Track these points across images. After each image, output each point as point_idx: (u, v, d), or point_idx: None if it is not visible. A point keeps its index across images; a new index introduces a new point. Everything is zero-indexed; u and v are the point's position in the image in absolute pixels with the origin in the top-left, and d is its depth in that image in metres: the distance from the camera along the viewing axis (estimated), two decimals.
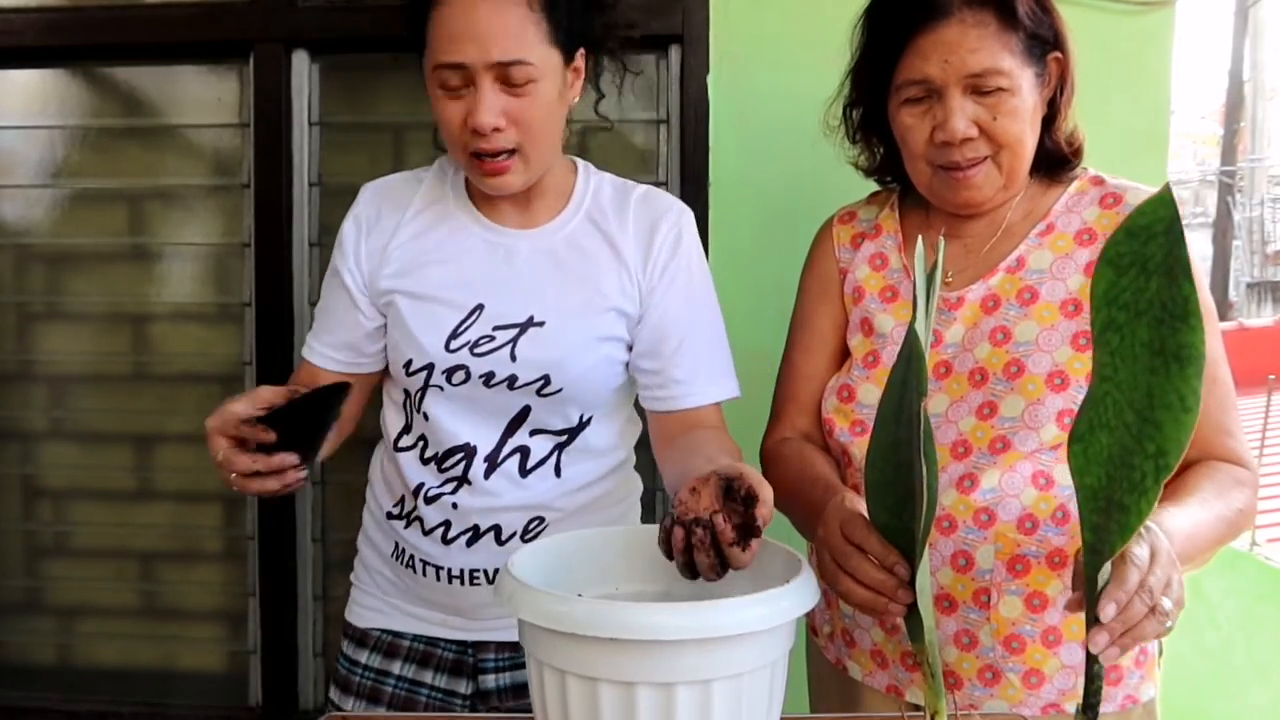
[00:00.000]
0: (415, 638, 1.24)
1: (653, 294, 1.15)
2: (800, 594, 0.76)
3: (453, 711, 1.22)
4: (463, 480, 1.16)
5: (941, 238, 0.86)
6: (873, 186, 1.26)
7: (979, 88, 1.03)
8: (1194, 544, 0.91)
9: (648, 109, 1.72)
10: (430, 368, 1.13)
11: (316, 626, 1.80)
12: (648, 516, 1.74)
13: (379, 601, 1.26)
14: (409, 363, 1.15)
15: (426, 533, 1.18)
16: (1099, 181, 1.11)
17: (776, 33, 1.61)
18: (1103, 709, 1.04)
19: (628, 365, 1.19)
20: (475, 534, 1.16)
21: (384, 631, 1.25)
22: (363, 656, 1.25)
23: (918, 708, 1.10)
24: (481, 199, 1.17)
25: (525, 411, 1.15)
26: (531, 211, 1.16)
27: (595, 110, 1.24)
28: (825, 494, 1.02)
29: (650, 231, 1.15)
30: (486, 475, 1.15)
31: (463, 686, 1.23)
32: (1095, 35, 1.54)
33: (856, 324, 1.17)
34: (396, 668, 1.24)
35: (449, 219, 1.17)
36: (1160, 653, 1.12)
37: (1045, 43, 1.05)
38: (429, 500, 1.17)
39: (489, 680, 1.23)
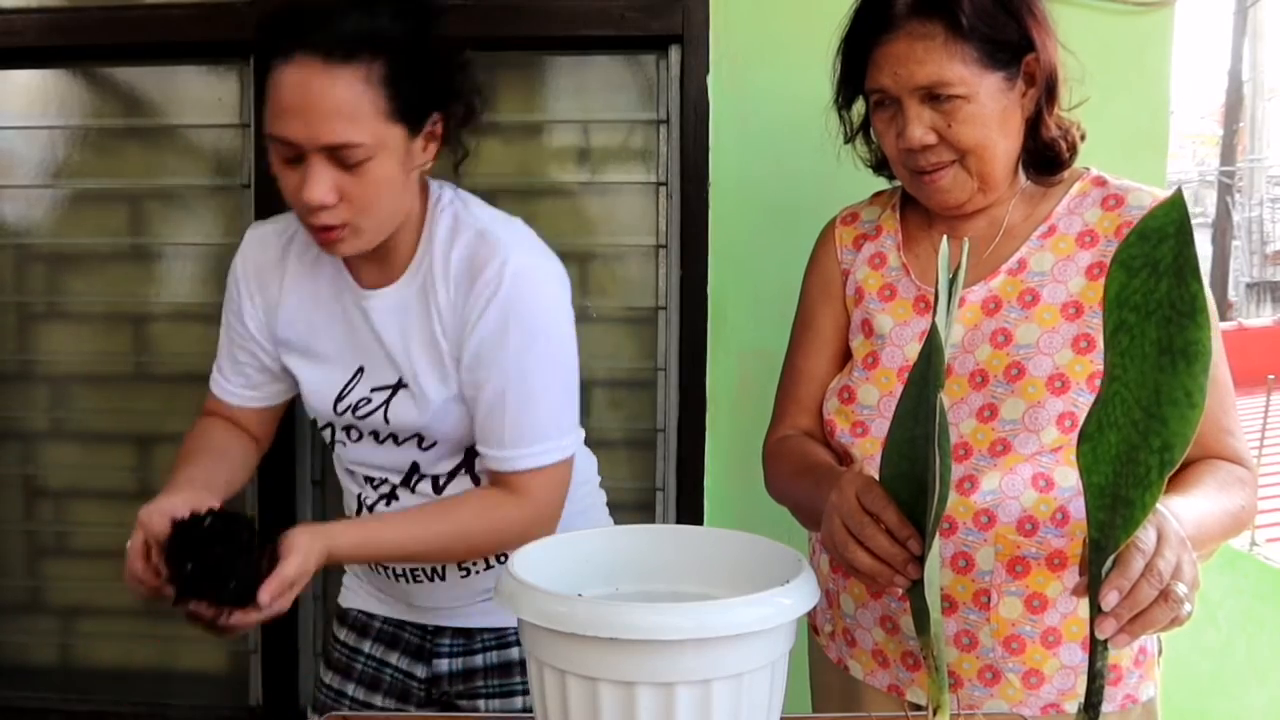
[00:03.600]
0: (385, 620, 1.30)
1: (465, 350, 1.09)
2: (800, 594, 0.76)
3: (411, 691, 1.28)
4: (391, 496, 1.21)
5: (966, 241, 0.87)
6: (874, 186, 1.26)
7: (933, 96, 1.03)
8: (1201, 531, 0.91)
9: (648, 109, 1.72)
10: (330, 426, 1.20)
11: (316, 626, 1.80)
12: (647, 516, 1.75)
13: (357, 583, 1.33)
14: (315, 421, 1.23)
15: None
16: (1101, 182, 1.11)
17: (776, 33, 1.61)
18: (1102, 708, 1.05)
19: None
20: None
21: (360, 611, 1.32)
22: (342, 634, 1.32)
23: (919, 707, 1.10)
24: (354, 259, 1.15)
25: (415, 466, 1.18)
26: (386, 267, 1.13)
27: (455, 170, 1.18)
28: (827, 476, 1.02)
29: (469, 284, 1.08)
30: (412, 491, 1.19)
31: (420, 670, 1.28)
32: (1095, 35, 1.54)
33: (857, 325, 1.17)
34: (367, 646, 1.30)
35: (322, 275, 1.17)
36: (1160, 652, 1.12)
37: (1013, 46, 1.04)
38: (369, 509, 1.22)
39: (442, 664, 1.27)
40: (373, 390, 1.14)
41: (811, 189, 1.55)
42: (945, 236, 0.85)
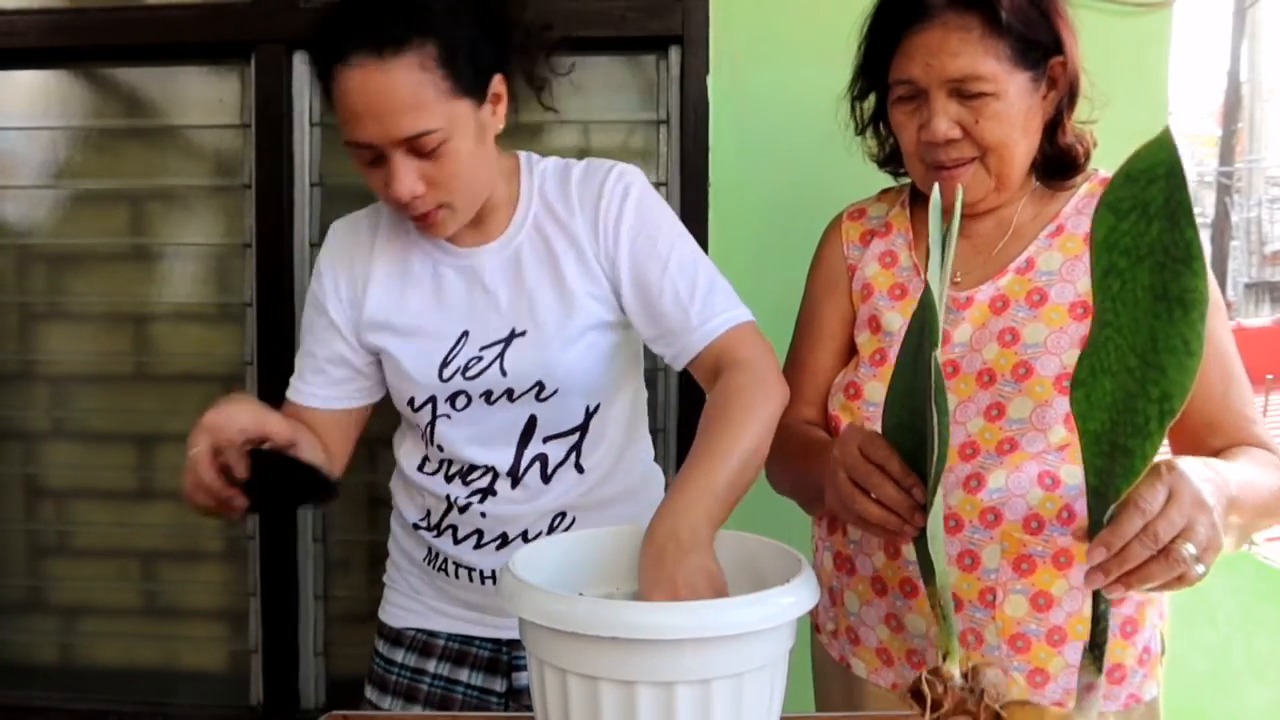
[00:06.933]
0: (450, 636, 1.25)
1: (618, 259, 1.12)
2: (800, 594, 0.77)
3: (489, 706, 1.24)
4: (488, 492, 1.17)
5: (960, 188, 0.85)
6: (873, 188, 1.26)
7: (962, 91, 1.03)
8: (1245, 492, 0.89)
9: (648, 109, 1.72)
10: (433, 400, 1.15)
11: (317, 626, 1.80)
12: None
13: (412, 601, 1.27)
14: (412, 400, 1.16)
15: (458, 541, 1.20)
16: (1108, 183, 1.11)
17: (776, 33, 1.62)
18: (1106, 708, 1.05)
19: (620, 346, 1.18)
20: (504, 540, 1.18)
21: (419, 631, 1.26)
22: (398, 655, 1.26)
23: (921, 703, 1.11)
24: None
25: (532, 422, 1.15)
26: (486, 228, 1.15)
27: (540, 102, 1.19)
28: (828, 449, 1.02)
29: (595, 201, 1.13)
30: (512, 487, 1.17)
31: (498, 684, 1.24)
32: (1093, 36, 1.53)
33: (864, 321, 1.17)
34: (432, 666, 1.25)
35: (415, 248, 1.16)
36: (1163, 652, 1.12)
37: (1043, 47, 1.04)
38: (461, 509, 1.18)
39: (522, 678, 1.24)
40: (482, 349, 1.13)
41: (811, 189, 1.56)
42: (934, 185, 0.84)
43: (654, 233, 1.12)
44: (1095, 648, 0.75)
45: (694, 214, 1.65)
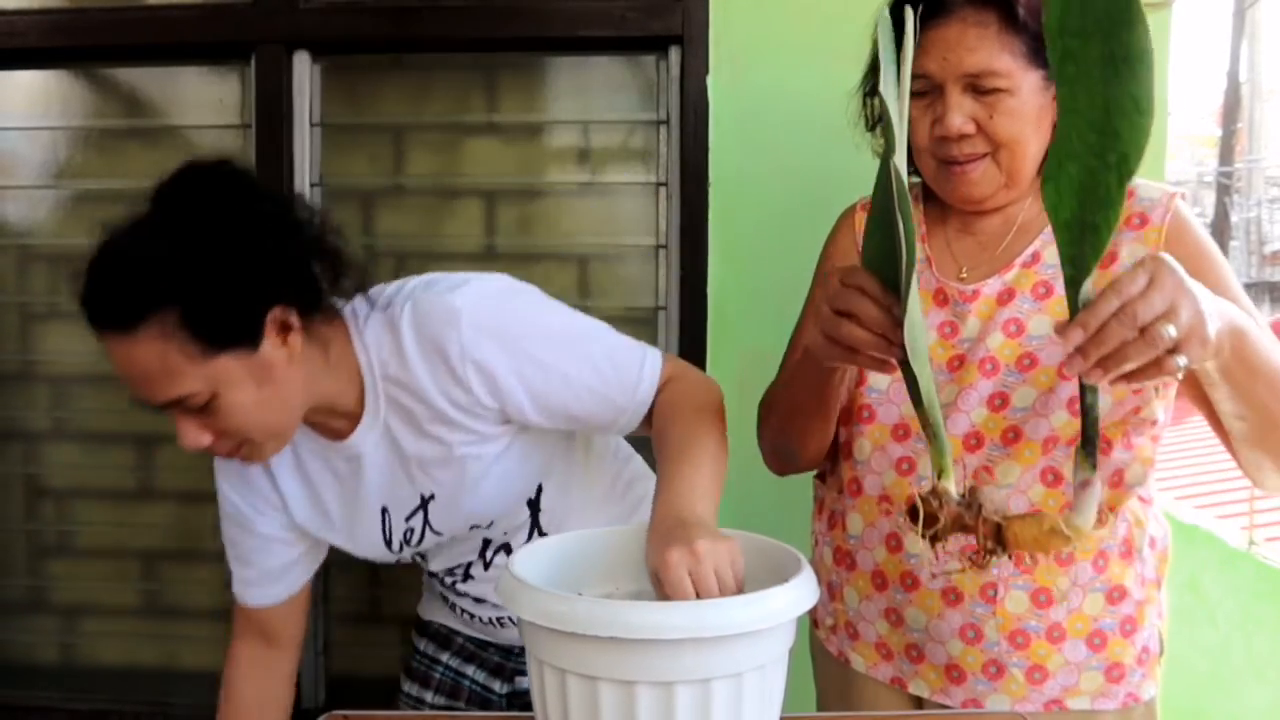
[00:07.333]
0: (468, 638, 1.34)
1: (509, 406, 1.03)
2: (800, 593, 0.77)
3: (490, 701, 1.31)
4: (466, 575, 1.24)
5: (909, 8, 0.85)
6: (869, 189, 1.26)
7: (977, 86, 1.03)
8: (1260, 338, 0.87)
9: (648, 109, 1.72)
10: (397, 561, 1.23)
11: (317, 626, 1.80)
12: None
13: (440, 602, 1.36)
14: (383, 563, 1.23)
15: (458, 595, 1.27)
16: None
17: (776, 33, 1.62)
18: (1104, 706, 1.06)
19: (532, 446, 1.13)
20: (490, 602, 1.25)
21: (443, 625, 1.36)
22: (422, 644, 1.36)
23: (921, 701, 1.11)
24: (310, 424, 1.08)
25: (485, 539, 1.21)
26: (345, 416, 1.06)
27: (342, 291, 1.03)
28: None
29: (442, 360, 1.00)
30: (484, 569, 1.23)
31: (498, 686, 1.31)
32: None
33: None
34: (445, 658, 1.34)
35: (301, 449, 1.11)
36: (1162, 651, 1.12)
37: None
38: (449, 579, 1.27)
39: (524, 682, 1.29)
40: (406, 520, 1.14)
41: (811, 188, 1.56)
42: (908, 7, 0.84)
43: (534, 353, 1.02)
44: (1087, 443, 0.75)
45: (694, 214, 1.66)
